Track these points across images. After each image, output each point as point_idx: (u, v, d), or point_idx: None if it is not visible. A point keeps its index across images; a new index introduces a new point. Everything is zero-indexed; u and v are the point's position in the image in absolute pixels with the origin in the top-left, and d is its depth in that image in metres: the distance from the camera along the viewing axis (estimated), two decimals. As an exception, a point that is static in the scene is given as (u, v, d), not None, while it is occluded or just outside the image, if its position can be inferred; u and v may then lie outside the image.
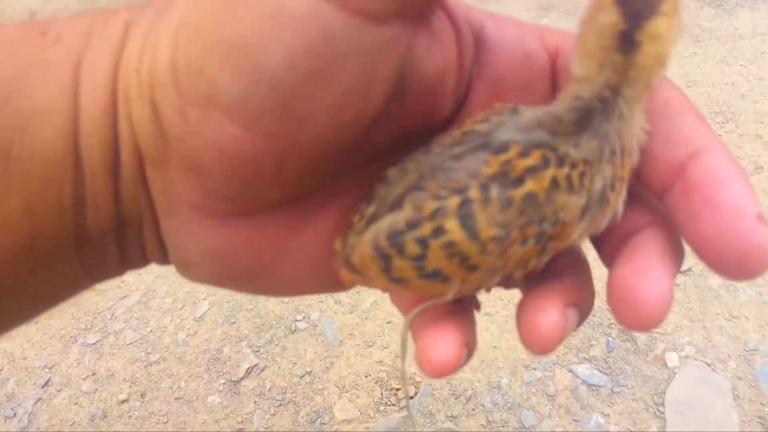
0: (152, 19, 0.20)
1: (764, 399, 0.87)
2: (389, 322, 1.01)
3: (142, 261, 0.24)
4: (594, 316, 0.99)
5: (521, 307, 0.21)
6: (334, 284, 0.24)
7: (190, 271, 0.25)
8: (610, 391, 0.90)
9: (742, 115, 1.33)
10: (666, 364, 0.92)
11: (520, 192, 0.18)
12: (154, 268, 0.43)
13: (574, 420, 0.87)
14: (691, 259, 1.07)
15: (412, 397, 0.91)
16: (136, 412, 0.95)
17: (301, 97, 0.18)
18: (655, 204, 0.21)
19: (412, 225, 0.20)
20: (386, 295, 0.28)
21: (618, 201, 0.20)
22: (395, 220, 0.20)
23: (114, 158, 0.21)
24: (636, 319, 0.19)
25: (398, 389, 0.93)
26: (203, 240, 0.23)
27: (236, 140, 0.19)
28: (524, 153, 0.19)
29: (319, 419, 0.90)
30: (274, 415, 0.92)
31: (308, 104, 0.18)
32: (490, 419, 0.88)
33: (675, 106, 0.20)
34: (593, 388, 0.91)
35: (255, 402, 0.93)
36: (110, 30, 0.21)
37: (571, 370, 0.93)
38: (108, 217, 0.21)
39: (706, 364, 0.92)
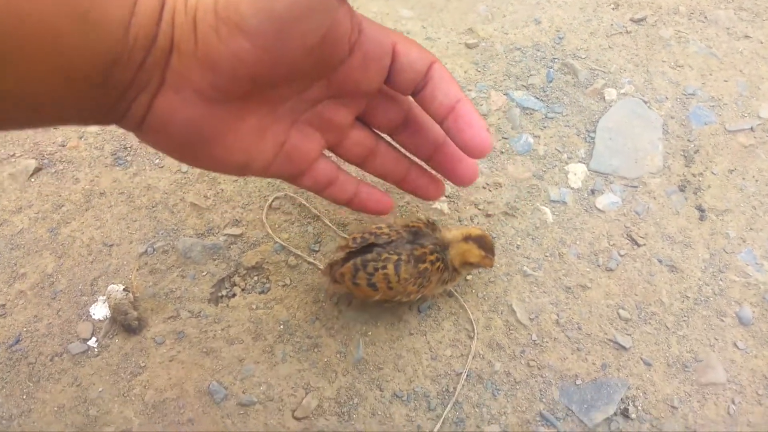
0: None
1: (691, 136, 0.84)
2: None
3: (125, 119, 0.36)
4: (537, 50, 0.91)
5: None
6: (255, 158, 0.41)
7: (157, 135, 0.38)
8: (543, 116, 0.85)
9: None
10: (603, 98, 0.87)
11: (421, 266, 0.56)
12: None
13: (504, 138, 0.82)
14: (646, 9, 0.99)
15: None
16: None
17: (289, 26, 0.33)
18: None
19: (373, 260, 0.56)
20: None
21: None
22: (365, 257, 0.56)
23: (152, 37, 0.33)
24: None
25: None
26: (189, 112, 0.36)
27: (247, 52, 0.33)
28: (431, 252, 0.57)
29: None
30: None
31: (292, 31, 0.33)
32: (420, 129, 0.82)
33: (446, 78, 0.44)
34: (527, 111, 0.85)
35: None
36: None
37: (507, 94, 0.86)
38: (129, 77, 0.33)
39: (643, 101, 0.87)
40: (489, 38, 0.92)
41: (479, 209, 0.76)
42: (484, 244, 0.59)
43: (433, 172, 0.55)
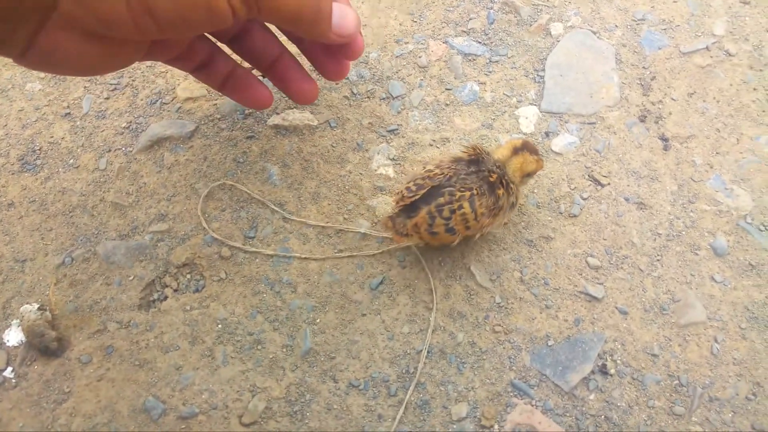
0: None
1: (646, 63, 0.77)
2: None
3: (4, 47, 0.41)
4: (477, -9, 0.83)
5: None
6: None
7: (40, 64, 0.44)
8: (488, 61, 0.77)
9: None
10: (550, 33, 0.79)
11: (499, 191, 0.53)
12: None
13: (447, 89, 0.74)
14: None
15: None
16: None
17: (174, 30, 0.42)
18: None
19: (447, 203, 0.51)
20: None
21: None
22: (438, 201, 0.51)
23: None
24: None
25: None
26: (74, 46, 0.41)
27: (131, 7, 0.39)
28: (498, 178, 0.54)
29: (160, 100, 0.74)
30: (107, 99, 0.74)
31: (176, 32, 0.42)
32: (355, 91, 0.74)
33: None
34: (470, 58, 0.77)
35: (84, 87, 0.75)
36: None
37: (446, 42, 0.78)
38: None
39: (592, 32, 0.79)
40: (422, -15, 0.84)
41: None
42: (532, 148, 0.57)
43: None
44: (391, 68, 0.76)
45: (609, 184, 0.67)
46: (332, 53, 0.58)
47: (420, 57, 0.77)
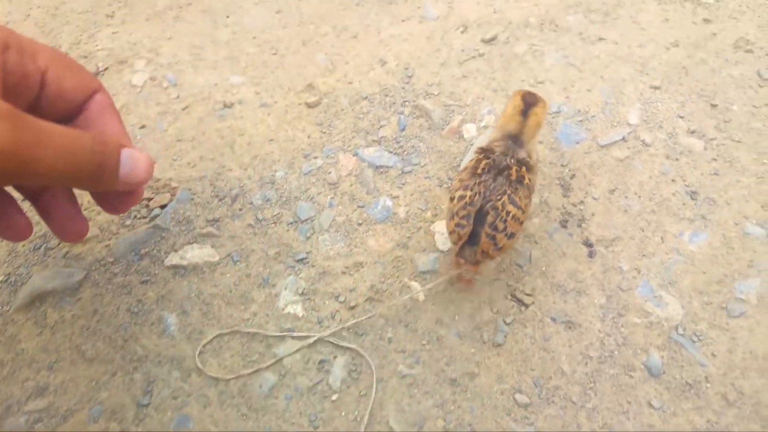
0: None
1: (564, 160, 0.74)
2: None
3: None
4: (386, 95, 0.80)
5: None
6: None
7: None
8: (400, 172, 0.73)
9: None
10: (462, 136, 0.76)
11: (525, 184, 0.56)
12: None
13: (359, 207, 0.70)
14: (496, 27, 0.89)
15: (164, 206, 0.69)
16: None
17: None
18: None
19: (498, 219, 0.53)
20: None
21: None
22: (488, 221, 0.53)
23: None
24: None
25: (150, 199, 0.70)
26: None
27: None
28: (517, 169, 0.56)
29: (45, 245, 0.67)
30: None
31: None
32: (260, 217, 0.69)
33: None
34: (381, 170, 0.73)
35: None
36: None
37: (356, 154, 0.74)
38: None
39: (506, 131, 0.77)
40: (332, 92, 0.80)
41: (340, 302, 0.63)
42: (532, 97, 0.60)
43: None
44: (299, 187, 0.71)
45: (533, 303, 0.63)
46: (107, 197, 0.50)
47: (330, 173, 0.72)
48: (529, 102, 0.59)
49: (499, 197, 0.54)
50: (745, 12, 0.89)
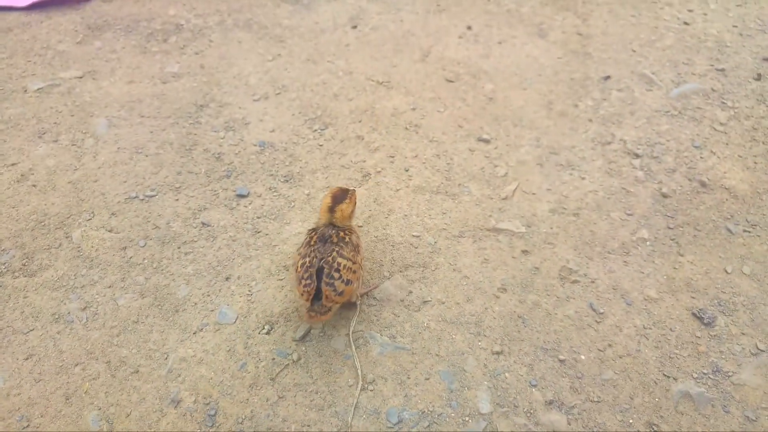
0: None
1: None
2: None
3: None
4: None
5: None
6: None
7: None
8: None
9: (339, 117, 1.09)
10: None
11: (347, 241, 0.73)
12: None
13: None
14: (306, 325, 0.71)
15: None
16: None
17: None
18: None
19: (330, 269, 0.67)
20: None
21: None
22: (326, 272, 0.67)
23: None
24: None
25: None
26: None
27: None
28: (339, 233, 0.73)
29: None
30: None
31: None
32: None
33: None
34: None
35: None
36: None
37: None
38: None
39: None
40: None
41: None
42: (339, 197, 0.74)
43: None
44: None
45: None
46: None
47: None
48: (334, 200, 0.75)
49: (329, 254, 0.68)
50: (557, 234, 0.85)
